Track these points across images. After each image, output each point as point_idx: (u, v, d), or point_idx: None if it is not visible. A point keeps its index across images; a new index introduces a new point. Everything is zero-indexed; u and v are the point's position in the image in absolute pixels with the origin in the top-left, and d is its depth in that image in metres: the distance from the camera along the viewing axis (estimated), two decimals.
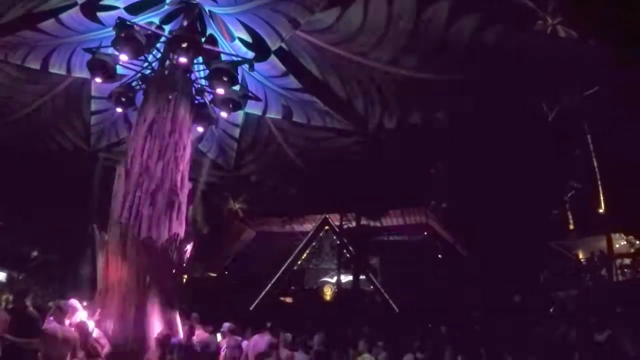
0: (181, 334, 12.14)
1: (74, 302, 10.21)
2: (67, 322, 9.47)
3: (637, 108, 20.35)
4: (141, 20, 14.49)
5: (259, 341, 12.42)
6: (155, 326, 11.85)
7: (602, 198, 26.55)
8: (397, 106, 15.53)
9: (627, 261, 25.89)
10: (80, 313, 10.15)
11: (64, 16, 13.93)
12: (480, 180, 27.89)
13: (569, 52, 13.56)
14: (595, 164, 26.50)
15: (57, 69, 15.54)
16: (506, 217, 27.35)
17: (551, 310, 20.65)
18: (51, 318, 9.40)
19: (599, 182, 26.58)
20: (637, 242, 26.48)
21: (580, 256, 29.48)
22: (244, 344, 12.86)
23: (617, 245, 27.04)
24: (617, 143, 23.54)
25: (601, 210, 26.92)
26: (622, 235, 27.42)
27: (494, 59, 13.42)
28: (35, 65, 15.22)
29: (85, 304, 11.31)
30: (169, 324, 12.25)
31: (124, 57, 13.50)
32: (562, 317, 16.93)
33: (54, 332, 8.84)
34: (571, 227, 30.51)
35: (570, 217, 30.63)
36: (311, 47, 14.34)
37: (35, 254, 29.47)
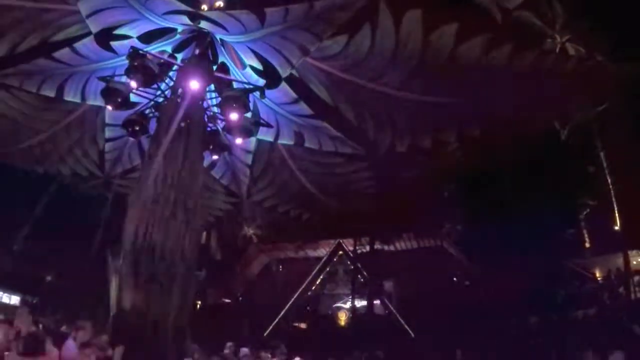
0: None
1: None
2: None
3: None
4: (154, 49, 14.72)
5: None
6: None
7: (617, 215, 26.30)
8: (407, 130, 15.59)
9: None
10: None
11: (78, 45, 14.23)
12: (494, 201, 27.79)
13: (579, 69, 13.55)
14: (610, 181, 26.31)
15: (71, 96, 15.84)
16: (521, 238, 27.17)
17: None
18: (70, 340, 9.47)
19: (614, 199, 26.35)
20: None
21: (597, 274, 29.16)
22: None
23: (635, 262, 26.76)
24: (629, 159, 23.40)
25: (617, 228, 26.67)
26: (639, 252, 27.15)
27: (503, 79, 13.48)
28: (50, 92, 15.53)
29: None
30: (181, 354, 12.24)
31: (135, 85, 13.70)
32: (579, 338, 16.72)
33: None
34: (587, 245, 30.24)
35: (586, 235, 30.38)
36: (321, 73, 14.49)
37: (49, 278, 29.62)
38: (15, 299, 29.75)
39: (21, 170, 19.57)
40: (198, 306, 29.27)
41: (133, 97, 14.90)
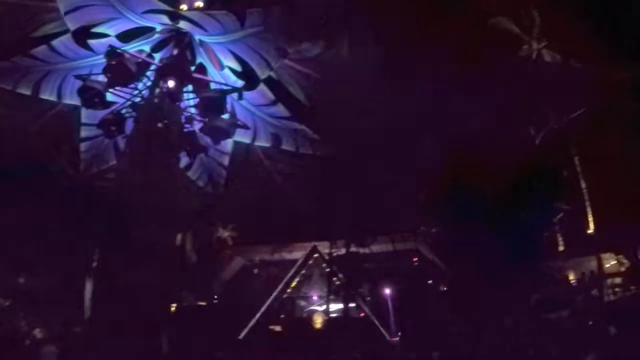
0: None
1: None
2: None
3: (619, 127, 20.62)
4: (132, 48, 14.63)
5: None
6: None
7: (591, 219, 26.67)
8: (384, 134, 15.71)
9: (618, 280, 25.99)
10: None
11: (55, 42, 14.10)
12: (468, 204, 28.00)
13: (554, 75, 13.81)
14: (584, 185, 26.68)
15: (47, 94, 15.63)
16: (496, 241, 27.40)
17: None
18: None
19: (588, 203, 26.72)
20: (627, 261, 26.59)
21: (571, 277, 29.53)
22: None
23: (608, 265, 27.14)
24: (603, 163, 23.77)
25: (590, 231, 27.04)
26: (612, 254, 27.55)
27: (481, 85, 13.67)
28: (26, 91, 15.31)
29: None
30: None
31: (111, 83, 13.60)
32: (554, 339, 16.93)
33: None
34: (561, 248, 30.59)
35: (560, 238, 30.73)
36: (299, 76, 14.55)
37: (22, 280, 29.12)
38: None
39: None
40: (173, 308, 29.03)
41: (110, 97, 14.74)
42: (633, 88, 16.42)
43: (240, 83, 15.20)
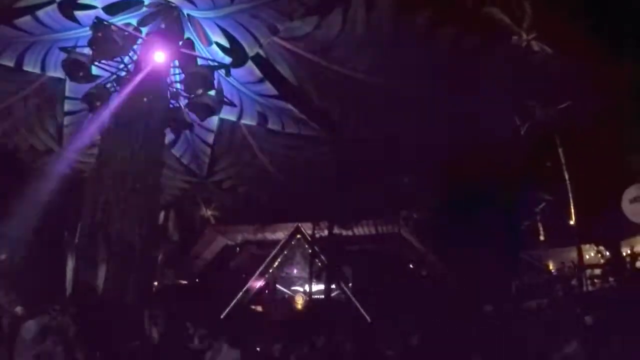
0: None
1: None
2: None
3: (605, 119, 20.73)
4: (119, 20, 14.33)
5: None
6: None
7: (572, 210, 26.91)
8: (372, 116, 15.64)
9: (598, 271, 26.34)
10: None
11: (40, 13, 13.74)
12: (452, 190, 28.10)
13: (543, 66, 13.81)
14: (566, 176, 26.88)
15: (31, 67, 15.33)
16: (478, 228, 27.59)
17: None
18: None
19: (570, 194, 26.95)
20: (607, 252, 26.92)
21: (551, 267, 29.90)
22: None
23: (588, 256, 27.49)
24: (586, 155, 23.94)
25: (572, 222, 27.30)
26: (593, 246, 27.88)
27: (470, 73, 13.63)
28: (9, 62, 14.99)
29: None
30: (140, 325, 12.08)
31: (96, 56, 13.33)
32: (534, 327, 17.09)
33: None
34: (542, 238, 30.91)
35: (541, 228, 31.04)
36: (289, 54, 14.38)
37: (2, 257, 28.82)
38: None
39: None
40: (155, 287, 28.94)
41: (95, 70, 14.47)
42: (622, 82, 16.47)
43: (227, 59, 15.00)
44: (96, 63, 13.98)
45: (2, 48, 14.58)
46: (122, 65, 14.81)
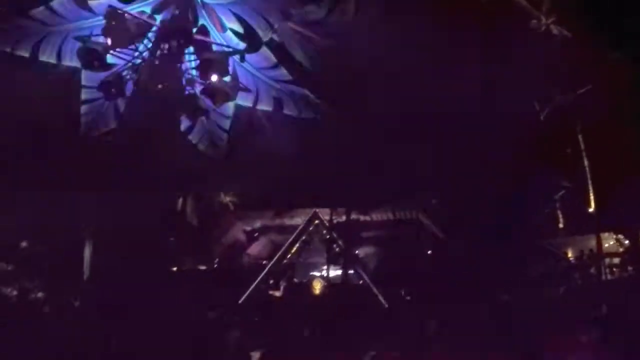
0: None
1: None
2: None
3: (627, 106, 20.42)
4: (133, 9, 14.34)
5: None
6: None
7: (592, 197, 26.63)
8: (388, 100, 15.58)
9: (616, 260, 26.05)
10: None
11: (55, 3, 13.82)
12: (471, 177, 27.91)
13: (562, 50, 13.63)
14: (586, 163, 26.56)
15: (47, 57, 15.36)
16: (496, 215, 27.39)
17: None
18: None
19: (589, 181, 26.66)
20: (626, 241, 26.60)
21: (570, 255, 29.61)
22: None
23: (607, 245, 27.17)
24: (607, 143, 23.62)
25: (591, 210, 27.03)
26: (612, 234, 27.56)
27: (488, 56, 13.51)
28: (25, 53, 15.05)
29: None
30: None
31: (111, 44, 13.35)
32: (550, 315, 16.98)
33: None
34: (561, 225, 30.62)
35: (560, 215, 30.75)
36: (303, 39, 14.33)
37: (24, 244, 29.23)
38: None
39: None
40: (174, 272, 29.15)
41: (110, 59, 14.51)
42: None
43: (242, 45, 14.98)
44: (111, 51, 13.97)
45: (18, 39, 14.66)
46: (137, 53, 14.83)
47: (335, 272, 34.41)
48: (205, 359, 11.76)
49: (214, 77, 14.18)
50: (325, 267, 35.25)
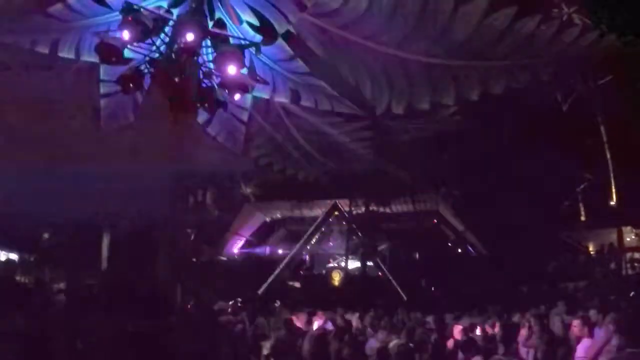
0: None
1: None
2: None
3: None
4: (149, 4, 14.43)
5: None
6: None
7: (614, 190, 26.32)
8: (405, 91, 15.49)
9: (637, 255, 25.75)
10: None
11: (72, 0, 13.93)
12: (492, 168, 27.74)
13: (582, 40, 13.40)
14: (609, 155, 26.25)
15: (65, 53, 15.49)
16: (517, 207, 27.19)
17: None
18: None
19: (612, 174, 26.34)
20: None
21: (590, 248, 29.32)
22: None
23: (628, 239, 26.88)
24: (629, 134, 23.29)
25: (612, 203, 26.73)
26: (633, 228, 27.23)
27: (505, 46, 13.36)
28: (44, 49, 15.21)
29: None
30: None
31: (128, 39, 13.41)
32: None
33: None
34: (582, 218, 30.34)
35: (581, 208, 30.45)
36: (318, 30, 14.32)
37: (46, 235, 29.68)
38: (13, 256, 30.00)
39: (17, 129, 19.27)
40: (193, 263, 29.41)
41: (128, 53, 14.61)
42: None
43: (258, 38, 15.00)
44: (128, 46, 14.06)
45: (37, 36, 14.82)
46: (154, 47, 14.90)
47: (354, 263, 34.52)
48: (219, 349, 11.87)
49: (232, 70, 14.20)
50: (344, 258, 35.39)
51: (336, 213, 37.79)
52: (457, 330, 13.58)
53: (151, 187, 13.15)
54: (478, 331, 14.35)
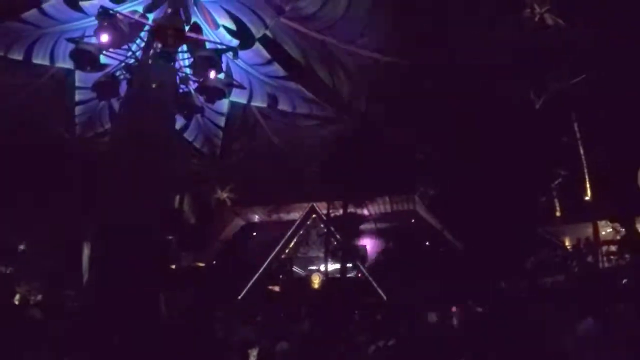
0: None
1: None
2: None
3: (623, 95, 20.45)
4: (124, 8, 14.31)
5: None
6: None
7: (588, 185, 26.70)
8: (382, 92, 15.59)
9: (613, 248, 26.10)
10: None
11: (46, 6, 13.79)
12: (467, 167, 27.94)
13: (556, 39, 13.65)
14: (582, 152, 26.62)
15: (40, 59, 15.35)
16: (493, 204, 27.44)
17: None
18: None
19: (586, 170, 26.72)
20: (623, 229, 26.66)
21: (567, 243, 29.67)
22: None
23: (604, 233, 27.23)
24: (603, 130, 23.66)
25: (587, 198, 27.09)
26: (608, 222, 27.61)
27: (480, 47, 13.52)
28: (18, 56, 15.03)
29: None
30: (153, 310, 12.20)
31: (105, 44, 13.29)
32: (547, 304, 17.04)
33: None
34: (558, 214, 30.68)
35: (557, 204, 30.80)
36: (296, 34, 14.35)
37: (22, 247, 29.22)
38: None
39: None
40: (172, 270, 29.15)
41: (103, 59, 14.46)
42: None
43: (235, 42, 14.97)
44: (104, 52, 13.93)
45: (11, 42, 14.64)
46: (130, 53, 14.78)
47: (333, 265, 34.50)
48: (204, 356, 11.80)
49: (209, 75, 14.15)
50: (323, 260, 35.35)
51: (314, 216, 37.80)
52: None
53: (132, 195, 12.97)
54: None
